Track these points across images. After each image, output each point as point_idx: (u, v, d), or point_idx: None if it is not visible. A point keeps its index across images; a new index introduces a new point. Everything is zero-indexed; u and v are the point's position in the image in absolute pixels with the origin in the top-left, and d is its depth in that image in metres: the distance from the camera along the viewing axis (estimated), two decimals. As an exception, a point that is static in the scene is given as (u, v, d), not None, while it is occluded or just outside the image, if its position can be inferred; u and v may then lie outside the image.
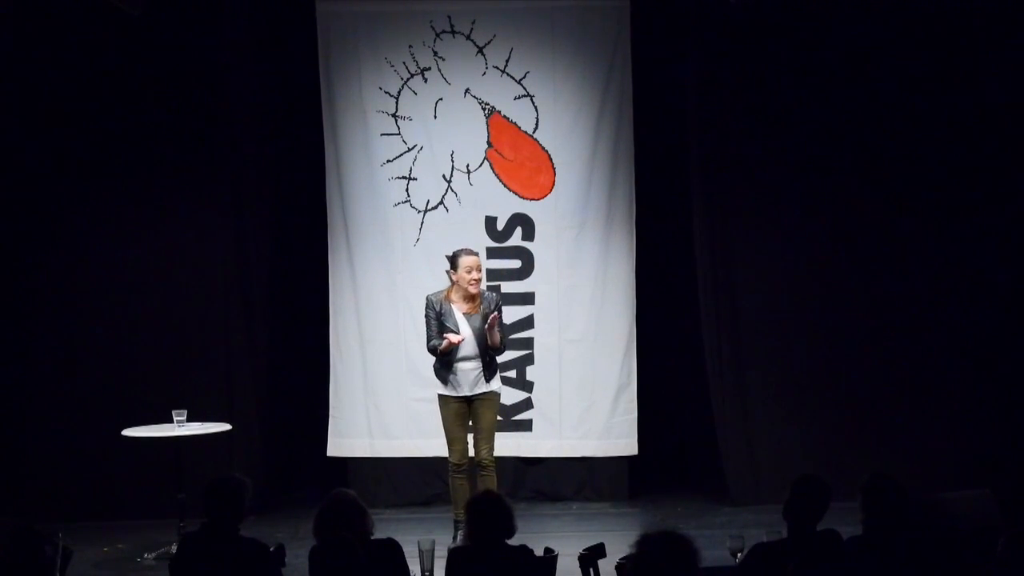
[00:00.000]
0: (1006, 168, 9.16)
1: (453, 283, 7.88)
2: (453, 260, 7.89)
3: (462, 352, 7.80)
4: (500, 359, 8.10)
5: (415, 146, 9.34)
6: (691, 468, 9.92)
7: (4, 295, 9.23)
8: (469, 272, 7.81)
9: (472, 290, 7.81)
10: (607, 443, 9.36)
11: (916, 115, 9.18)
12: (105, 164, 9.24)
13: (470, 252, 7.92)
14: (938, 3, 9.04)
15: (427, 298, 7.96)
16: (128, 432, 8.13)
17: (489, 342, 7.77)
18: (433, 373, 7.98)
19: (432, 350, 7.86)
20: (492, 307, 7.84)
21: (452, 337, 7.71)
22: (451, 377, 7.83)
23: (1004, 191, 9.16)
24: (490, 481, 7.80)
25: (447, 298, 7.88)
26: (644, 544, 4.09)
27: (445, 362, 7.84)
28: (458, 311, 7.85)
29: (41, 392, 9.20)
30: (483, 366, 7.83)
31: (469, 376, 7.82)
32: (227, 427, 8.43)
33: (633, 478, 9.46)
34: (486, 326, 7.71)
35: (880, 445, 9.03)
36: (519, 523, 5.32)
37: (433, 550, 5.65)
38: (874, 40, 9.15)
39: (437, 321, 7.83)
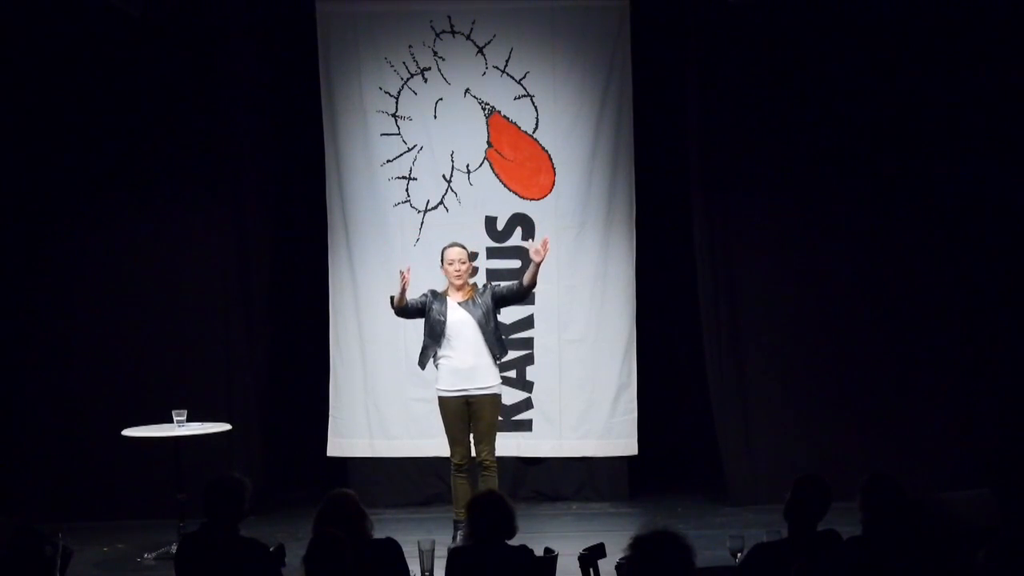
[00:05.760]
0: (1006, 169, 9.15)
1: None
2: (441, 256, 7.95)
3: (452, 341, 7.78)
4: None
5: (415, 146, 9.34)
6: (691, 468, 9.91)
7: (4, 295, 9.23)
8: (451, 264, 7.86)
9: (456, 282, 7.85)
10: (607, 443, 9.36)
11: (917, 114, 9.18)
12: (105, 164, 9.24)
13: (453, 244, 7.96)
14: (939, 4, 9.04)
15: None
16: (128, 432, 8.14)
17: (531, 273, 7.80)
18: (434, 369, 7.94)
19: (392, 301, 7.81)
20: (485, 290, 7.86)
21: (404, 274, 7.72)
22: (442, 363, 7.80)
23: (1004, 192, 9.16)
24: (491, 481, 7.78)
25: (445, 292, 7.92)
26: (638, 545, 4.07)
27: (435, 345, 7.82)
28: (452, 301, 7.86)
29: (41, 392, 9.20)
30: (477, 359, 7.79)
31: (460, 365, 7.78)
32: (227, 427, 8.43)
33: (633, 478, 9.46)
34: (532, 253, 7.74)
35: (880, 445, 9.03)
36: (519, 523, 5.32)
37: (433, 550, 5.64)
38: (874, 40, 9.15)
39: (429, 301, 7.83)
